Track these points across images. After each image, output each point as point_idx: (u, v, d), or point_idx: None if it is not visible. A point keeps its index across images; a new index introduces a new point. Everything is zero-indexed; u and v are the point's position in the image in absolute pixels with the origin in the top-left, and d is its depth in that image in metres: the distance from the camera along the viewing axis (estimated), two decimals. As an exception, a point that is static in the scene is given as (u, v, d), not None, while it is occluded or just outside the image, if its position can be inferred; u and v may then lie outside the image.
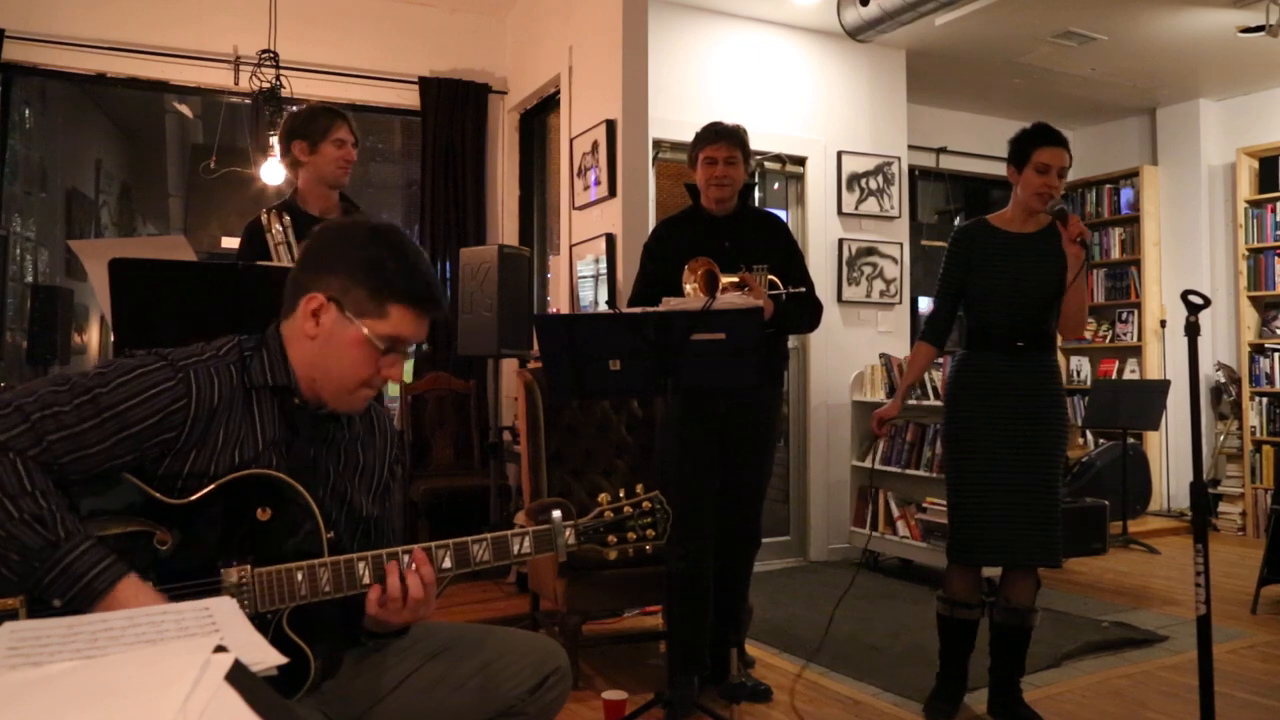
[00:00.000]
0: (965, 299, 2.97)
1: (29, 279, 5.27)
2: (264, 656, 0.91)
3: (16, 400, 1.30)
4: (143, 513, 1.37)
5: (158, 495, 1.38)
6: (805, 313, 3.25)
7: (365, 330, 1.44)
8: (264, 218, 2.85)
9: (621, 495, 1.63)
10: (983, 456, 2.86)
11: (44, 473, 1.28)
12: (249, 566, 1.39)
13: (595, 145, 4.41)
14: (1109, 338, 7.19)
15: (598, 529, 1.59)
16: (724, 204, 3.23)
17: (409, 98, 5.42)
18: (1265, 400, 6.34)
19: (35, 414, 1.29)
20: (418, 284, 1.47)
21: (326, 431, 1.55)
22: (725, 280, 3.05)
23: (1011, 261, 2.88)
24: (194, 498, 1.39)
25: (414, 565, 1.45)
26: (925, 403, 4.73)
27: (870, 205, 5.65)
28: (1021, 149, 2.86)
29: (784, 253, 3.27)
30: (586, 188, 4.54)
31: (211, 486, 1.39)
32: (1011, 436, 2.84)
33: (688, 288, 3.04)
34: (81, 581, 1.26)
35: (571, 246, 4.70)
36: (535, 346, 3.26)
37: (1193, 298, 2.33)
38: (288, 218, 2.82)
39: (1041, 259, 2.86)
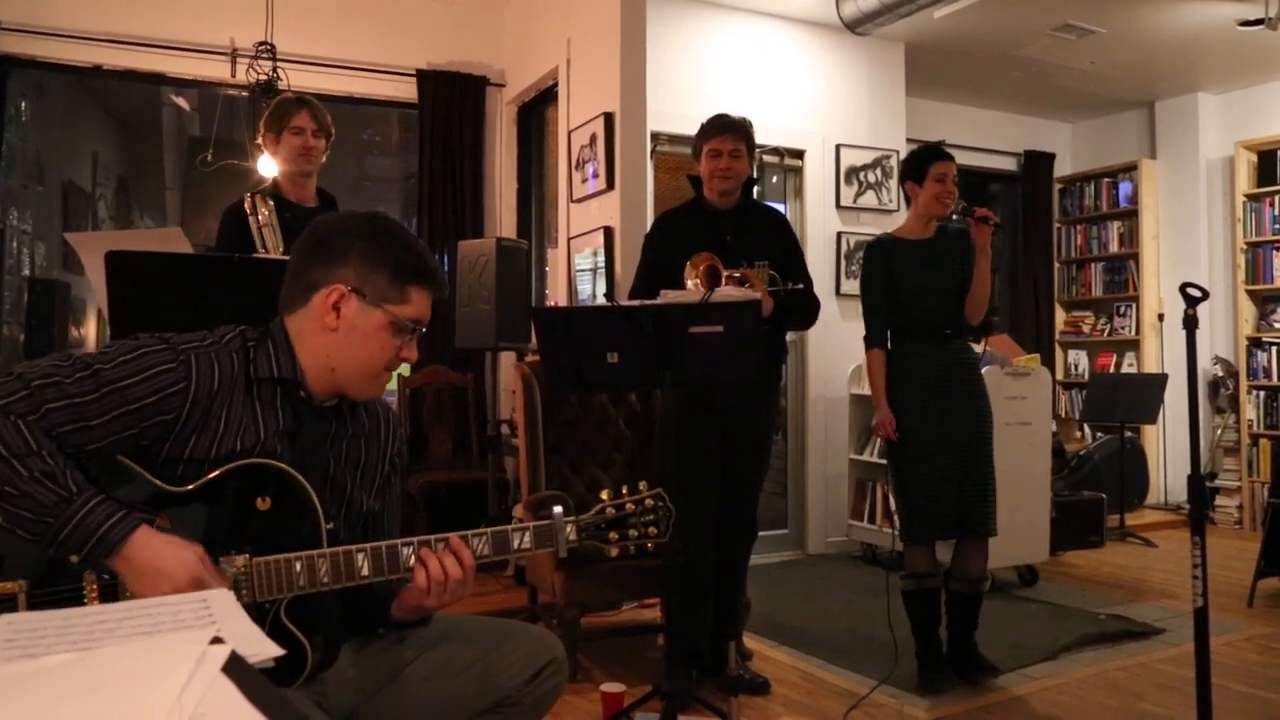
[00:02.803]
0: (890, 303, 3.26)
1: (26, 272, 5.26)
2: (261, 648, 0.91)
3: (19, 369, 1.33)
4: (142, 499, 1.37)
5: (158, 482, 1.38)
6: (803, 310, 3.26)
7: (391, 315, 1.48)
8: (248, 202, 2.85)
9: (624, 492, 1.61)
10: (924, 440, 3.16)
11: (46, 436, 1.30)
12: (248, 556, 1.39)
13: (593, 138, 4.40)
14: (1107, 331, 7.19)
15: (599, 525, 1.58)
16: (727, 197, 3.22)
17: (406, 90, 5.40)
18: (1262, 394, 6.35)
19: (36, 381, 1.31)
20: (429, 264, 1.54)
21: (330, 424, 1.55)
22: (727, 276, 3.05)
23: (924, 262, 3.23)
24: (194, 485, 1.39)
25: (451, 550, 1.48)
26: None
27: (868, 198, 5.64)
28: (919, 166, 3.24)
29: (784, 248, 3.27)
30: (584, 180, 4.53)
31: (212, 475, 1.39)
32: (948, 417, 3.15)
33: (690, 283, 3.04)
34: (97, 534, 1.28)
35: (569, 239, 4.69)
36: (533, 339, 3.26)
37: (1191, 291, 2.33)
38: (272, 203, 2.83)
39: (947, 256, 3.24)
